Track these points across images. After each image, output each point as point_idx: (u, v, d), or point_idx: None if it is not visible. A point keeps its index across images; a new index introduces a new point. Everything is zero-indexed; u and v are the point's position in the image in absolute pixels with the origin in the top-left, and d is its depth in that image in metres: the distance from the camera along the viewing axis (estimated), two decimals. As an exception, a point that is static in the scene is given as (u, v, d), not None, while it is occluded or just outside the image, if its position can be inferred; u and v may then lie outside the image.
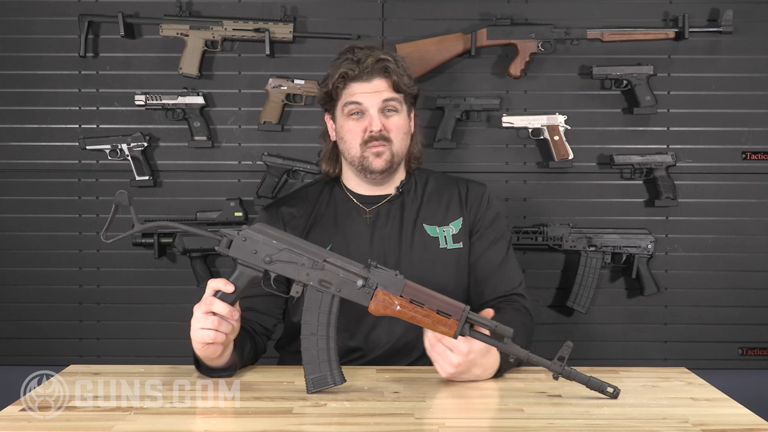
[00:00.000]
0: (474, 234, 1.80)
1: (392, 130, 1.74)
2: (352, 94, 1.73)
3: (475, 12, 2.40)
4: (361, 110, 1.73)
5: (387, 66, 1.73)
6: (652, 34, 2.35)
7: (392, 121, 1.74)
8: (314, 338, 1.42)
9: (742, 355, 2.44)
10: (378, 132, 1.72)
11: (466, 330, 1.40)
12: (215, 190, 2.42)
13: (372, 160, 1.73)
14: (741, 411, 1.33)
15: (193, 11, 2.38)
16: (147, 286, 2.44)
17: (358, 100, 1.73)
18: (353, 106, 1.73)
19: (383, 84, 1.74)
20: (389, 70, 1.74)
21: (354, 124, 1.74)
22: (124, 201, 1.39)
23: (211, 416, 1.32)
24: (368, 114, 1.73)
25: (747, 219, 2.43)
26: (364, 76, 1.72)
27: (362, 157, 1.73)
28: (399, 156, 1.76)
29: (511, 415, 1.31)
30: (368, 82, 1.73)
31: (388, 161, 1.74)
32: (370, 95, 1.72)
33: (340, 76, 1.73)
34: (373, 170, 1.74)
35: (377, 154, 1.72)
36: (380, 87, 1.73)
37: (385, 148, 1.73)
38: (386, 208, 1.80)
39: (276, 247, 1.40)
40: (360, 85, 1.73)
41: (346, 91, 1.74)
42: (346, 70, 1.72)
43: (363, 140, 1.73)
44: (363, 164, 1.74)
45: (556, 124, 2.36)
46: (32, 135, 2.41)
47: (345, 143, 1.76)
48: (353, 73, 1.72)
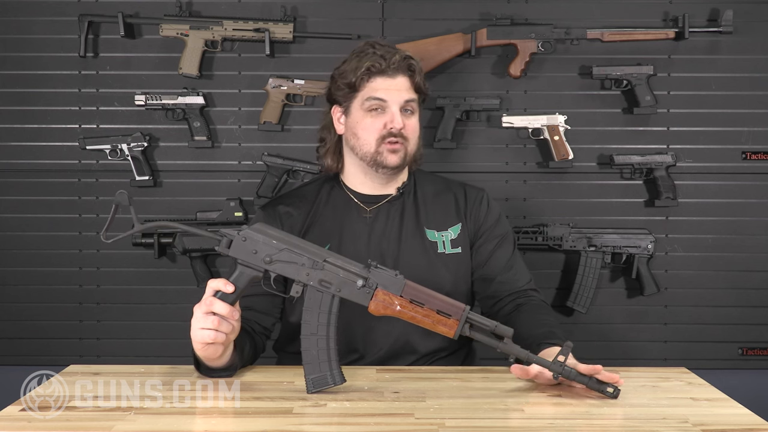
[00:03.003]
0: (479, 239, 1.80)
1: (410, 131, 1.75)
2: (375, 89, 1.73)
3: (475, 12, 2.40)
4: (383, 107, 1.73)
5: (412, 64, 1.75)
6: (652, 34, 2.35)
7: (410, 121, 1.75)
8: (314, 338, 1.42)
9: (742, 355, 2.44)
10: (399, 130, 1.72)
11: (466, 330, 1.40)
12: (215, 190, 2.42)
13: (387, 155, 1.73)
14: (741, 411, 1.33)
15: (193, 11, 2.38)
16: (147, 286, 2.44)
17: (382, 97, 1.72)
18: (375, 102, 1.73)
19: (406, 83, 1.74)
20: (413, 68, 1.75)
21: (372, 120, 1.73)
22: (124, 201, 1.39)
23: (211, 416, 1.32)
24: (389, 111, 1.73)
25: (747, 219, 2.43)
26: (389, 71, 1.72)
27: (377, 152, 1.73)
28: (410, 157, 1.77)
29: (511, 415, 1.31)
30: (393, 78, 1.73)
31: (402, 158, 1.74)
32: (395, 92, 1.72)
33: (366, 69, 1.72)
34: (387, 165, 1.73)
35: (393, 151, 1.72)
36: (403, 85, 1.74)
37: (401, 146, 1.73)
38: (386, 208, 1.80)
39: (276, 247, 1.40)
40: (384, 81, 1.73)
41: (369, 85, 1.73)
42: (374, 63, 1.72)
43: (381, 135, 1.72)
44: (377, 159, 1.73)
45: (556, 124, 2.36)
46: (32, 135, 2.41)
47: (358, 139, 1.75)
48: (380, 67, 1.72)
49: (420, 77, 1.76)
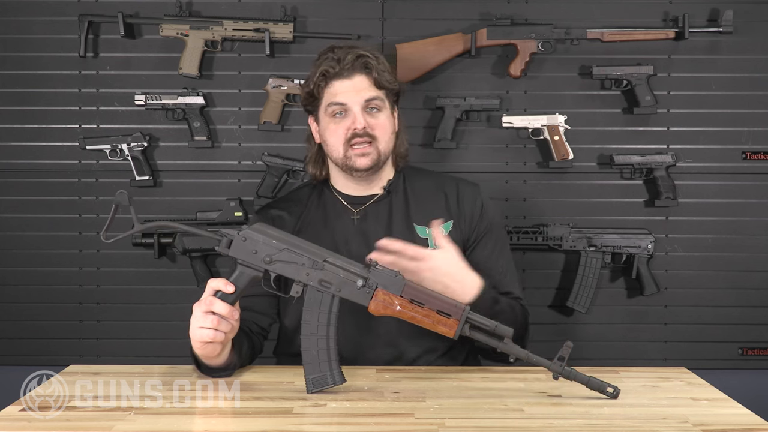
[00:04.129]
0: (473, 242, 1.77)
1: (377, 129, 1.72)
2: (334, 94, 1.72)
3: (475, 12, 2.40)
4: (344, 110, 1.72)
5: (367, 62, 1.72)
6: (652, 34, 2.34)
7: (377, 120, 1.73)
8: (314, 338, 1.42)
9: (742, 355, 2.44)
10: (362, 129, 1.70)
11: (466, 330, 1.41)
12: (215, 190, 2.42)
13: (355, 159, 1.71)
14: (741, 411, 1.33)
15: (193, 11, 2.38)
16: (147, 286, 2.44)
17: (341, 101, 1.71)
18: (336, 107, 1.72)
19: (365, 81, 1.72)
20: (370, 65, 1.72)
21: (336, 125, 1.72)
22: (124, 201, 1.39)
23: (211, 416, 1.32)
24: (351, 113, 1.71)
25: (747, 219, 2.43)
26: (344, 72, 1.71)
27: (345, 157, 1.72)
28: (385, 155, 1.75)
29: (511, 415, 1.31)
30: (349, 79, 1.71)
31: (374, 160, 1.72)
32: (353, 94, 1.71)
33: (320, 75, 1.72)
34: (357, 168, 1.72)
35: (362, 154, 1.71)
36: (362, 84, 1.72)
37: (371, 147, 1.71)
38: (374, 208, 1.78)
39: (276, 247, 1.40)
40: (341, 83, 1.71)
41: (328, 91, 1.73)
42: (327, 68, 1.71)
43: (346, 139, 1.71)
44: (347, 164, 1.73)
45: (556, 124, 2.36)
46: (32, 135, 2.41)
47: (328, 145, 1.75)
48: (333, 70, 1.71)
49: (379, 73, 1.73)
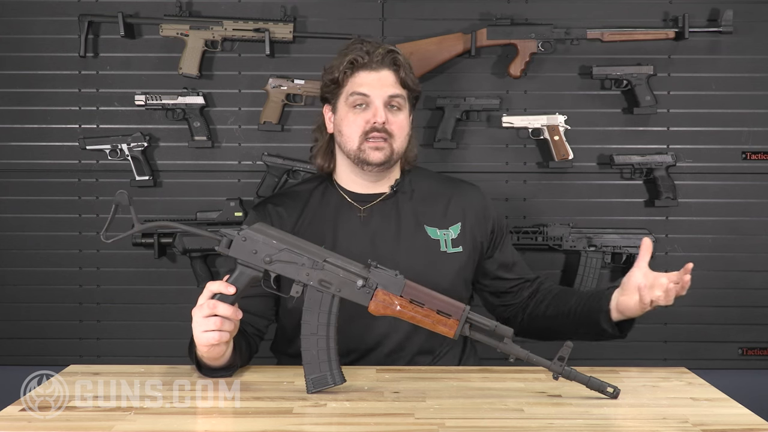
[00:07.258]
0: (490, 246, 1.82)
1: (395, 127, 1.72)
2: (359, 84, 1.71)
3: (475, 12, 2.40)
4: (366, 102, 1.71)
5: (396, 58, 1.73)
6: (652, 34, 2.34)
7: (396, 118, 1.73)
8: (314, 338, 1.42)
9: (742, 355, 2.44)
10: (381, 125, 1.69)
11: (466, 330, 1.41)
12: (215, 190, 2.42)
13: (369, 152, 1.70)
14: (741, 411, 1.33)
15: (193, 11, 2.38)
16: (147, 286, 2.44)
17: (365, 92, 1.70)
18: (358, 97, 1.71)
19: (391, 77, 1.72)
20: (398, 62, 1.72)
21: (355, 116, 1.71)
22: (124, 201, 1.39)
23: (211, 416, 1.32)
24: (372, 106, 1.70)
25: (747, 219, 2.43)
26: (373, 65, 1.71)
27: (359, 149, 1.71)
28: (398, 154, 1.74)
29: (511, 415, 1.31)
30: (376, 72, 1.71)
31: (387, 156, 1.71)
32: (378, 87, 1.70)
33: (349, 62, 1.71)
34: (370, 162, 1.71)
35: (376, 148, 1.70)
36: (388, 79, 1.71)
37: (386, 143, 1.71)
38: (380, 206, 1.77)
39: (276, 247, 1.40)
40: (367, 74, 1.71)
41: (352, 80, 1.72)
42: (356, 57, 1.70)
43: (364, 131, 1.70)
44: (360, 157, 1.71)
45: (556, 124, 2.36)
46: (32, 135, 2.41)
47: (342, 136, 1.73)
48: (362, 60, 1.70)
49: (406, 72, 1.73)
